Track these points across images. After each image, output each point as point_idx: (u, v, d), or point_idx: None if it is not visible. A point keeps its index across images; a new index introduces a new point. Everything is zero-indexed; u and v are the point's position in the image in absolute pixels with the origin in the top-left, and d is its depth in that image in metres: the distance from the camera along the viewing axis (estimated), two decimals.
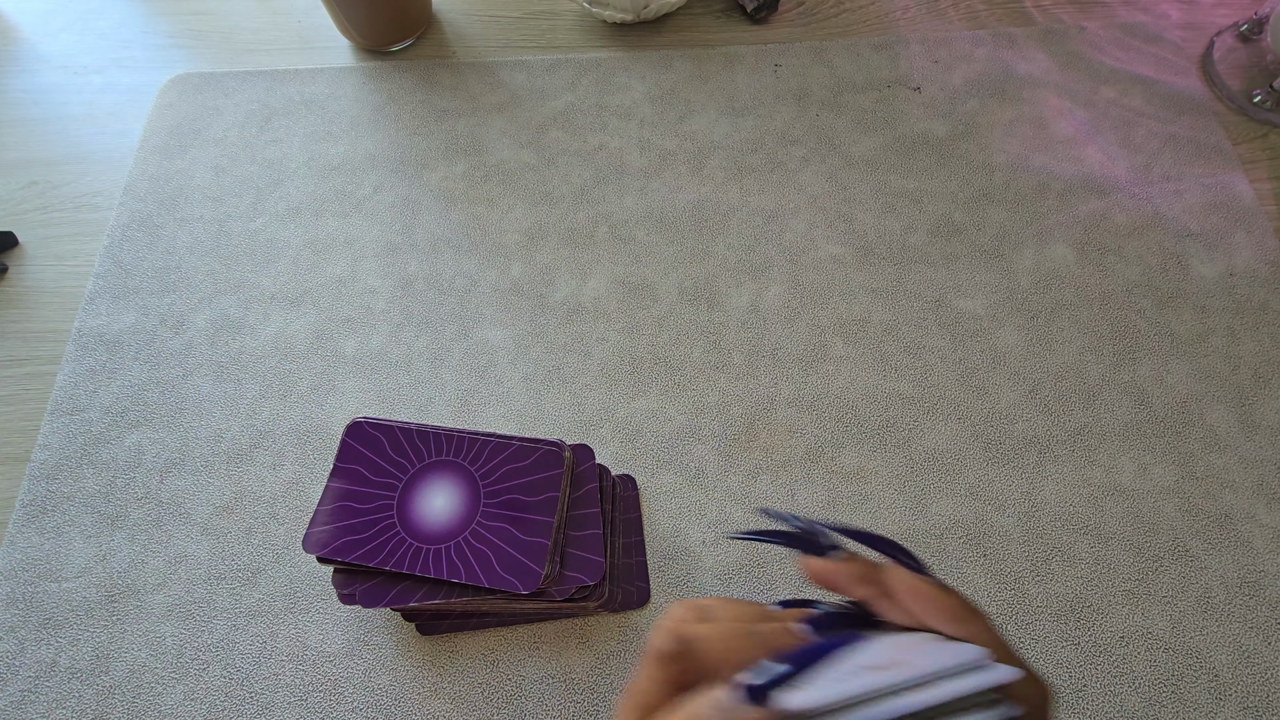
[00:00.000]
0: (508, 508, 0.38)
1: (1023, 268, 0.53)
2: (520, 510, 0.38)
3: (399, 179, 0.57)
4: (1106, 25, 0.64)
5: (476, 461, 0.39)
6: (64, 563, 0.44)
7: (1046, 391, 0.48)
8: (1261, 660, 0.41)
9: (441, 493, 0.38)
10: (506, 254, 0.54)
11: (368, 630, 0.42)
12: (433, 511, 0.38)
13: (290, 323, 0.51)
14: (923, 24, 0.65)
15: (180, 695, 0.41)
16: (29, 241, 0.55)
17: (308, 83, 0.62)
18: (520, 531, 0.37)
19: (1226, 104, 0.60)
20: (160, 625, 0.42)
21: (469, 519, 0.38)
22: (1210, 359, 0.49)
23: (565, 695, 0.40)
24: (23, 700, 0.41)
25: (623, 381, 0.49)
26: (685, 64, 0.62)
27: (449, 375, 0.49)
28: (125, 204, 0.56)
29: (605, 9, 0.62)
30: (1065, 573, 0.43)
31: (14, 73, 0.64)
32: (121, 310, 0.52)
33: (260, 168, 0.58)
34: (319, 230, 0.55)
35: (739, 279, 0.53)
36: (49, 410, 0.48)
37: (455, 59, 0.64)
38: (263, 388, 0.49)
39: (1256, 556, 0.44)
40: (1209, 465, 0.46)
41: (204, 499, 0.46)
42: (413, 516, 0.38)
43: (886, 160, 0.57)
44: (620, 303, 0.52)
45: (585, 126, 0.59)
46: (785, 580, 0.43)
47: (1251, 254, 0.53)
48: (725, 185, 0.56)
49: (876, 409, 0.48)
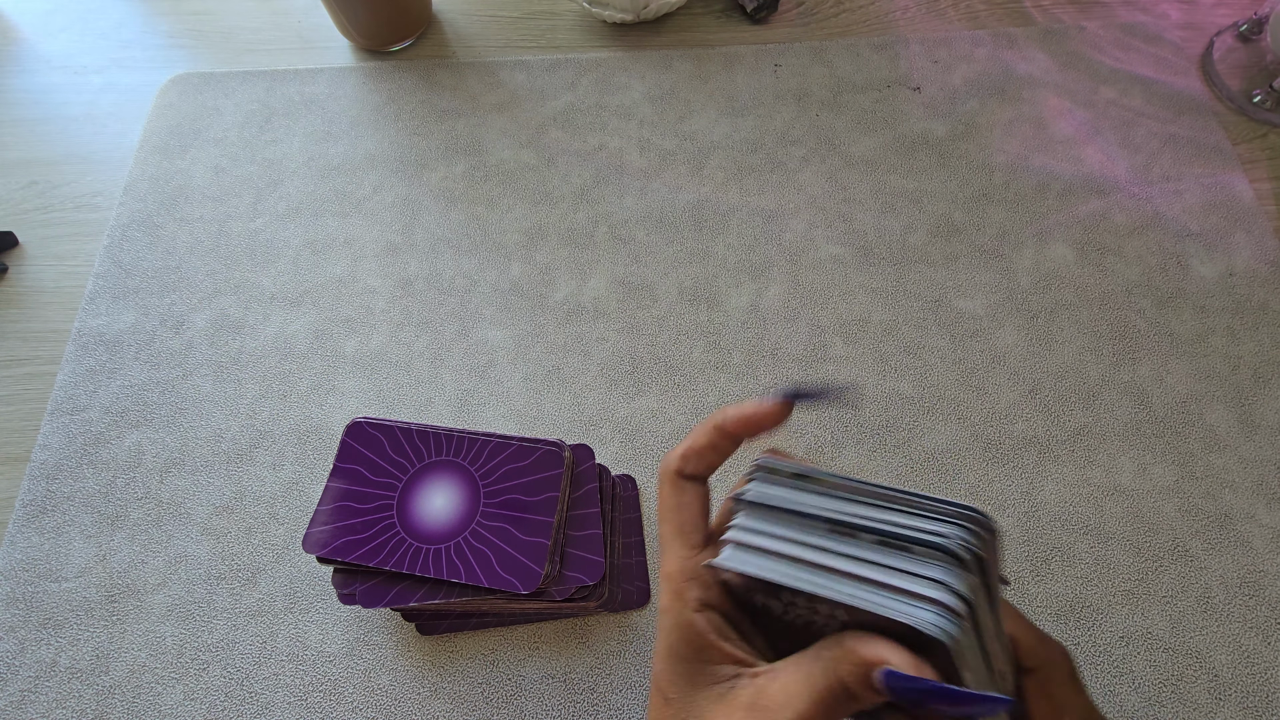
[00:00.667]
0: (508, 507, 0.38)
1: (1022, 268, 0.53)
2: (520, 510, 0.38)
3: (399, 179, 0.57)
4: (1106, 25, 0.64)
5: (476, 461, 0.39)
6: (64, 563, 0.44)
7: (1046, 391, 0.48)
8: (1261, 660, 0.41)
9: (441, 493, 0.38)
10: (506, 254, 0.54)
11: (368, 630, 0.42)
12: (432, 511, 0.38)
13: (290, 323, 0.51)
14: (923, 24, 0.65)
15: (180, 695, 0.41)
16: (29, 241, 0.56)
17: (308, 83, 0.62)
18: (520, 531, 0.37)
19: (1226, 104, 0.60)
20: (160, 625, 0.42)
21: (469, 519, 0.38)
22: (1210, 359, 0.49)
23: (565, 695, 0.40)
24: (23, 700, 0.41)
25: (623, 381, 0.49)
26: (685, 64, 0.62)
27: (449, 375, 0.49)
28: (125, 204, 0.56)
29: (605, 9, 0.62)
30: (1065, 573, 0.43)
31: (14, 73, 0.64)
32: (121, 310, 0.52)
33: (260, 168, 0.58)
34: (319, 230, 0.55)
35: (739, 279, 0.53)
36: (49, 410, 0.48)
37: (455, 59, 0.64)
38: (263, 388, 0.49)
39: (1256, 556, 0.44)
40: (1209, 465, 0.46)
41: (204, 499, 0.46)
42: (412, 516, 0.38)
43: (886, 160, 0.57)
44: (620, 303, 0.52)
45: (585, 126, 0.59)
46: None
47: (1251, 254, 0.53)
48: (725, 185, 0.56)
49: (876, 409, 0.48)
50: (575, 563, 0.37)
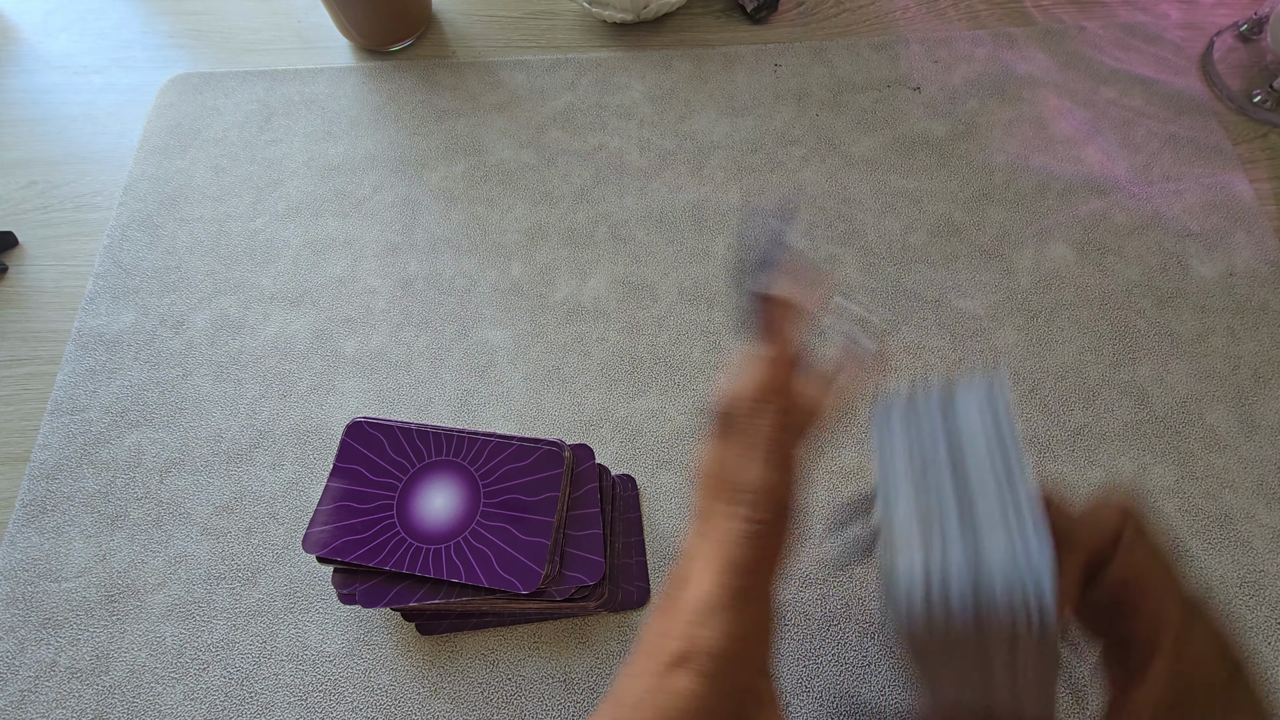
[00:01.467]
0: (507, 507, 0.38)
1: (1023, 268, 0.53)
2: (520, 510, 0.38)
3: (399, 179, 0.57)
4: (1106, 25, 0.64)
5: (476, 461, 0.39)
6: (64, 563, 0.44)
7: (1046, 391, 0.48)
8: (1261, 660, 0.41)
9: (441, 492, 0.38)
10: (506, 254, 0.54)
11: (368, 630, 0.42)
12: (432, 511, 0.38)
13: (290, 323, 0.51)
14: (923, 24, 0.65)
15: (180, 695, 0.41)
16: (29, 241, 0.55)
17: (307, 83, 0.62)
18: (520, 531, 0.37)
19: (1226, 104, 0.60)
20: (160, 625, 0.42)
21: (469, 519, 0.38)
22: (1210, 359, 0.49)
23: (565, 695, 0.40)
24: (22, 700, 0.41)
25: (623, 381, 0.49)
26: (685, 64, 0.62)
27: (449, 375, 0.49)
28: (125, 204, 0.56)
29: (605, 9, 0.62)
30: None
31: (14, 73, 0.64)
32: (121, 310, 0.52)
33: (260, 168, 0.58)
34: (319, 230, 0.55)
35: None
36: (49, 410, 0.48)
37: (455, 59, 0.64)
38: (263, 388, 0.49)
39: (1256, 556, 0.44)
40: (1209, 465, 0.46)
41: (204, 499, 0.46)
42: (413, 516, 0.38)
43: (886, 160, 0.57)
44: (620, 303, 0.52)
45: (585, 126, 0.59)
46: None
47: (1251, 254, 0.53)
48: (725, 185, 0.56)
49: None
50: (575, 563, 0.37)
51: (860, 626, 0.42)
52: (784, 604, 0.42)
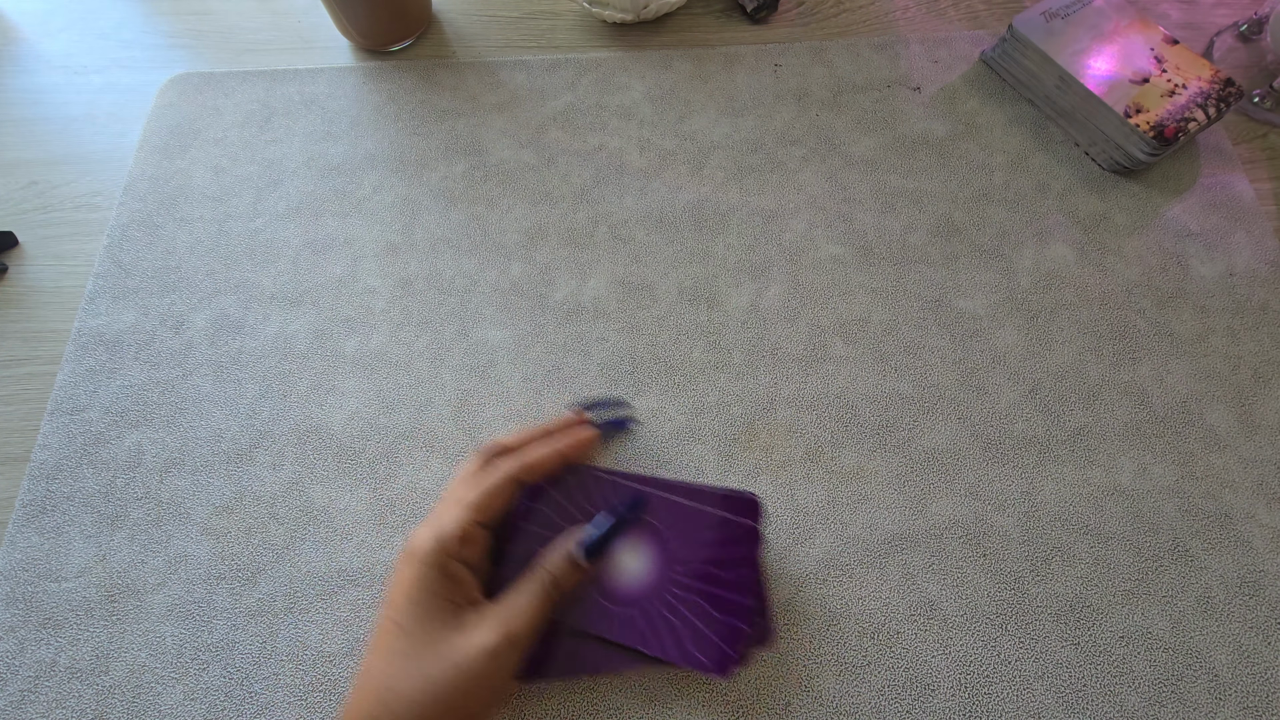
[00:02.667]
0: (699, 579, 0.35)
1: (1023, 268, 0.53)
2: (713, 584, 0.35)
3: (399, 179, 0.57)
4: None
5: (667, 521, 0.36)
6: (64, 563, 0.44)
7: (1046, 391, 0.48)
8: (1261, 660, 0.41)
9: (631, 550, 0.36)
10: (506, 254, 0.54)
11: (368, 630, 0.42)
12: (621, 570, 0.35)
13: (290, 323, 0.51)
14: (923, 24, 0.65)
15: (180, 695, 0.41)
16: (29, 241, 0.55)
17: (308, 83, 0.62)
18: (713, 607, 0.34)
19: None
20: (160, 625, 0.42)
21: (660, 584, 0.35)
22: (1210, 359, 0.49)
23: (565, 695, 0.40)
24: (22, 700, 0.41)
25: (623, 381, 0.49)
26: (685, 64, 0.62)
27: (449, 375, 0.49)
28: (125, 204, 0.56)
29: (605, 9, 0.62)
30: (1065, 573, 0.43)
31: (14, 73, 0.64)
32: (121, 310, 0.52)
33: (260, 168, 0.58)
34: (319, 230, 0.55)
35: (739, 279, 0.53)
36: (49, 410, 0.48)
37: (455, 59, 0.64)
38: (263, 388, 0.49)
39: (1256, 556, 0.44)
40: (1209, 465, 0.46)
41: (204, 499, 0.46)
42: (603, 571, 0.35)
43: (886, 160, 0.57)
44: (620, 303, 0.52)
45: (585, 126, 0.59)
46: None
47: (1251, 254, 0.53)
48: (725, 185, 0.56)
49: (876, 409, 0.48)
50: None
51: (860, 626, 0.42)
52: (784, 604, 0.42)
